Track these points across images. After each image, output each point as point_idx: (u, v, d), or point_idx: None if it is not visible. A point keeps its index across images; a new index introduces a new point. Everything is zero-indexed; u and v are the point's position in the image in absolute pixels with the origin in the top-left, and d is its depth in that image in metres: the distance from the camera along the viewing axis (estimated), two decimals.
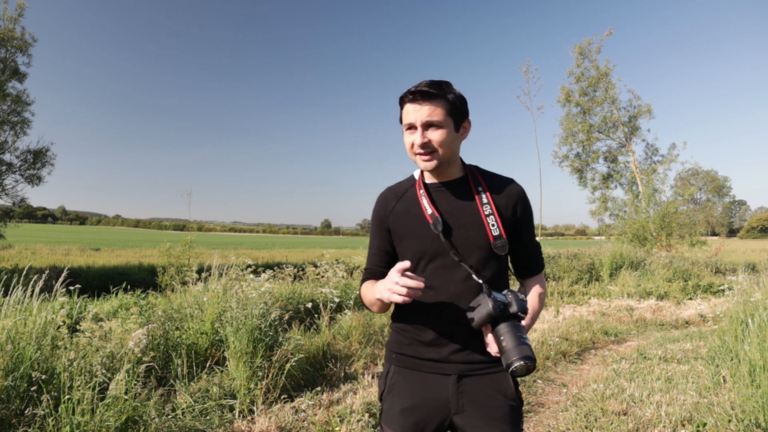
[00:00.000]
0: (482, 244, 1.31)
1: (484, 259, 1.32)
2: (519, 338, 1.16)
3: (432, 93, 1.28)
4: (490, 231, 1.31)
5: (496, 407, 1.30)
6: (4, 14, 15.52)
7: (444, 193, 1.37)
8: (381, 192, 1.50)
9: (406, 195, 1.42)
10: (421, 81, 1.32)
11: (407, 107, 1.31)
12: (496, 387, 1.32)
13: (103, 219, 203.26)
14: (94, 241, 41.05)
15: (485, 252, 1.32)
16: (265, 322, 3.61)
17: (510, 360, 1.14)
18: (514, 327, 1.18)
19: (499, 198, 1.35)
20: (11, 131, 15.97)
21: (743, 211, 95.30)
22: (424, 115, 1.28)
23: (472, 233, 1.32)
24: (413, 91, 1.29)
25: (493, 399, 1.30)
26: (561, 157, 20.66)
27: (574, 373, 4.45)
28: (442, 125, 1.29)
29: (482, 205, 1.33)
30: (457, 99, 1.32)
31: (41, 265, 15.18)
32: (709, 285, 9.91)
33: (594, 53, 19.25)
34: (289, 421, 3.08)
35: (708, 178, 58.02)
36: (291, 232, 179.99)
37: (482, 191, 1.35)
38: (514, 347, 1.14)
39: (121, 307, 5.13)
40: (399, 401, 1.35)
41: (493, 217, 1.32)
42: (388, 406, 1.38)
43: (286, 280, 6.36)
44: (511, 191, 1.37)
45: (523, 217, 1.38)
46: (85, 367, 2.73)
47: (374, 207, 1.48)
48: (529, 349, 1.15)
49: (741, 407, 3.23)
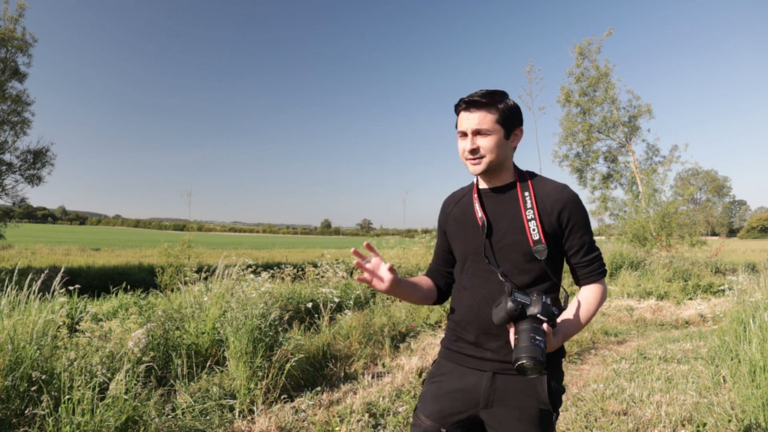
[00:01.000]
0: (522, 248, 1.35)
1: (523, 263, 1.36)
2: (532, 339, 1.19)
3: (483, 102, 1.36)
4: (531, 235, 1.34)
5: (524, 408, 1.33)
6: (5, 14, 15.53)
7: (493, 197, 1.44)
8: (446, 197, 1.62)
9: (463, 200, 1.52)
10: (478, 90, 1.40)
11: (461, 115, 1.41)
12: (529, 389, 1.34)
13: (103, 219, 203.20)
14: (94, 241, 41.06)
15: (524, 256, 1.35)
16: (265, 322, 3.61)
17: (517, 356, 1.18)
18: (531, 327, 1.21)
19: (544, 204, 1.37)
20: (11, 131, 15.98)
21: (743, 211, 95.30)
22: (473, 123, 1.36)
23: (513, 237, 1.36)
24: (466, 101, 1.38)
25: (524, 400, 1.33)
26: (561, 157, 20.64)
27: (574, 373, 4.45)
28: (491, 132, 1.36)
29: (525, 210, 1.37)
30: (508, 108, 1.38)
31: (41, 265, 15.18)
32: (709, 285, 9.90)
33: (594, 53, 19.23)
34: (289, 421, 3.08)
35: (708, 178, 58.03)
36: (291, 232, 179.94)
37: (528, 196, 1.38)
38: (525, 346, 1.18)
39: (121, 307, 5.12)
40: (435, 388, 1.45)
41: (534, 222, 1.35)
42: (425, 391, 1.49)
43: (286, 280, 6.36)
44: (557, 196, 1.37)
45: (571, 224, 1.37)
46: (85, 367, 2.73)
47: (439, 211, 1.61)
48: (539, 350, 1.17)
49: (741, 407, 3.23)
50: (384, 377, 3.99)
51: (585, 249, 1.39)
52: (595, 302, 1.39)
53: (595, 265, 1.40)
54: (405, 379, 3.88)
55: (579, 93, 19.73)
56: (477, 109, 1.36)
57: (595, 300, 1.39)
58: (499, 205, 1.42)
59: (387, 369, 4.30)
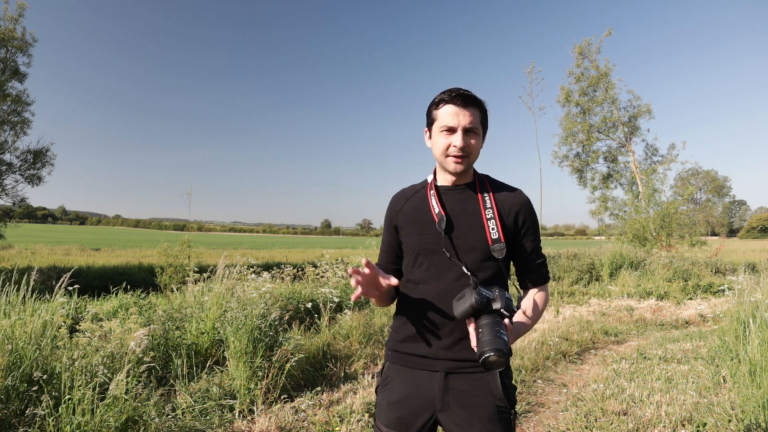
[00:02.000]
0: (480, 245, 1.35)
1: (480, 261, 1.36)
2: (496, 332, 1.16)
3: (475, 99, 1.34)
4: (490, 234, 1.34)
5: (481, 406, 1.30)
6: (5, 14, 15.51)
7: (452, 195, 1.42)
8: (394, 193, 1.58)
9: (415, 195, 1.49)
10: (453, 87, 1.35)
11: (448, 108, 1.33)
12: (482, 386, 1.32)
13: (103, 219, 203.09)
14: (94, 241, 41.04)
15: (482, 254, 1.35)
16: (265, 322, 3.62)
17: (482, 350, 1.15)
18: (494, 321, 1.19)
19: (502, 204, 1.39)
20: (11, 131, 15.95)
21: (743, 211, 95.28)
22: (467, 121, 1.32)
23: (472, 234, 1.36)
24: (457, 94, 1.31)
25: (479, 398, 1.31)
26: (561, 157, 20.66)
27: (574, 373, 4.45)
28: (479, 132, 1.36)
29: (485, 209, 1.37)
30: (486, 110, 1.39)
31: (41, 265, 15.17)
32: (709, 285, 9.90)
33: (594, 53, 19.24)
34: (289, 421, 3.08)
35: (708, 178, 58.01)
36: (291, 232, 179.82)
37: (487, 197, 1.39)
38: (489, 339, 1.15)
39: (121, 307, 5.12)
40: (388, 395, 1.40)
41: (494, 221, 1.35)
42: (379, 400, 1.43)
43: (286, 280, 6.36)
44: (515, 199, 1.40)
45: (526, 226, 1.40)
46: (86, 367, 2.73)
47: (387, 207, 1.57)
48: (504, 343, 1.15)
49: (741, 407, 3.23)
50: None
51: (536, 253, 1.43)
52: (542, 306, 1.44)
53: (544, 270, 1.45)
54: None
55: (579, 93, 19.74)
56: (470, 105, 1.32)
57: (542, 304, 1.44)
58: (458, 202, 1.40)
59: None
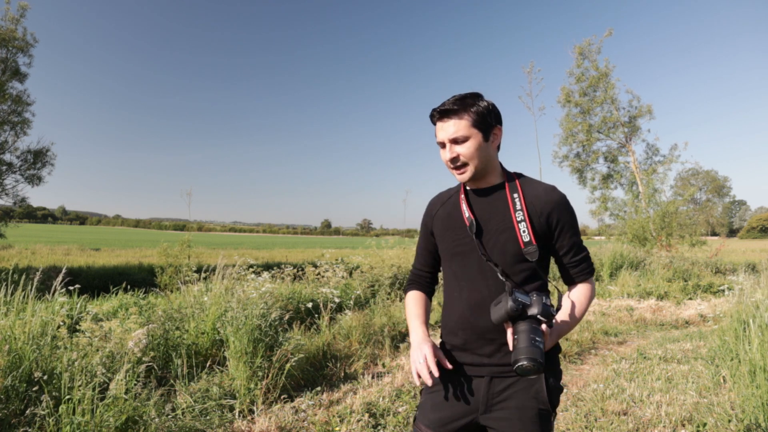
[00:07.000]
0: (512, 248, 1.35)
1: (513, 264, 1.35)
2: (532, 339, 1.18)
3: (454, 109, 1.35)
4: (521, 237, 1.34)
5: (524, 409, 1.33)
6: (6, 15, 15.53)
7: (481, 198, 1.43)
8: (432, 197, 1.62)
9: (449, 200, 1.52)
10: (449, 97, 1.38)
11: (437, 126, 1.40)
12: (527, 389, 1.34)
13: (103, 219, 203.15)
14: (94, 241, 41.04)
15: (515, 257, 1.36)
16: (265, 322, 3.62)
17: (516, 357, 1.17)
18: (530, 328, 1.20)
19: (533, 206, 1.37)
20: (11, 131, 15.98)
21: (743, 211, 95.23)
22: (449, 133, 1.36)
23: (504, 238, 1.36)
24: (439, 111, 1.38)
25: (523, 401, 1.33)
26: (561, 157, 20.66)
27: (574, 373, 4.45)
28: (468, 138, 1.35)
29: (515, 212, 1.36)
30: (482, 110, 1.36)
31: (41, 264, 15.17)
32: (709, 285, 9.90)
33: (594, 54, 19.24)
34: (289, 421, 3.08)
35: (708, 178, 58.04)
36: (291, 232, 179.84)
37: (517, 198, 1.38)
38: (524, 347, 1.17)
39: (121, 307, 5.12)
40: (433, 397, 1.44)
41: (524, 223, 1.35)
42: (423, 401, 1.47)
43: (286, 280, 6.36)
44: (546, 198, 1.37)
45: (560, 225, 1.38)
46: (86, 367, 2.73)
47: (424, 211, 1.61)
48: (539, 351, 1.17)
49: (741, 407, 3.23)
50: (384, 377, 3.99)
51: (575, 250, 1.41)
52: (587, 300, 1.43)
53: (584, 264, 1.43)
54: (405, 379, 3.88)
55: (579, 93, 19.74)
56: (449, 117, 1.35)
57: (587, 298, 1.43)
58: (487, 206, 1.41)
59: (387, 369, 4.30)
